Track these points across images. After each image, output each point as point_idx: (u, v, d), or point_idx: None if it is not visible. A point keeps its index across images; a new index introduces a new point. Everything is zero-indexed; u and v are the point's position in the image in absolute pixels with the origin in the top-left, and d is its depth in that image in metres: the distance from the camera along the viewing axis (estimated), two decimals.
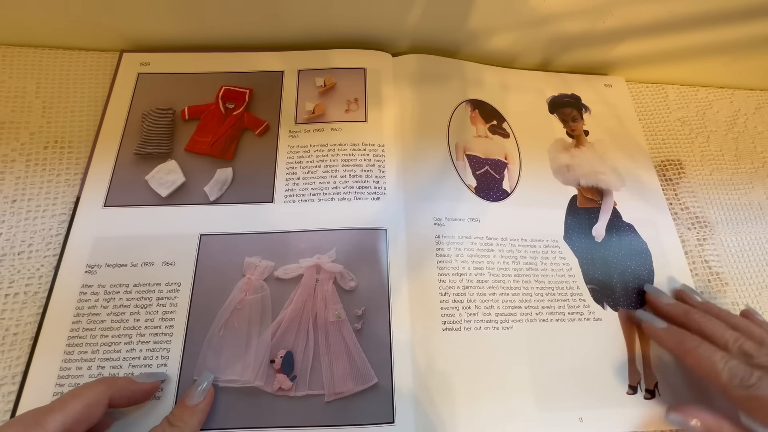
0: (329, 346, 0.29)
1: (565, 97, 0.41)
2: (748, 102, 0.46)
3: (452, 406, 0.29)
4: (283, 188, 0.34)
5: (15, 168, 0.34)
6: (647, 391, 0.31)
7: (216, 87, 0.37)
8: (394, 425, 0.28)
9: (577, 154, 0.39)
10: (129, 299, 0.30)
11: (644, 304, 0.33)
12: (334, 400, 0.28)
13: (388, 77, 0.39)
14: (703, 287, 0.36)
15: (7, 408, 0.27)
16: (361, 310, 0.30)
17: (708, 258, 0.37)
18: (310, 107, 0.37)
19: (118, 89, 0.37)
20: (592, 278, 0.34)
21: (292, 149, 0.36)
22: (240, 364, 0.29)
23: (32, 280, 0.31)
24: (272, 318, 0.30)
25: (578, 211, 0.36)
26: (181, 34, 0.39)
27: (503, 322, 0.31)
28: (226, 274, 0.31)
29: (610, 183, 0.38)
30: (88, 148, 0.35)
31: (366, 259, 0.32)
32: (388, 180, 0.35)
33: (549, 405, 0.29)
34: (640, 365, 0.31)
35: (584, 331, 0.32)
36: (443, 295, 0.31)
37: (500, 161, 0.37)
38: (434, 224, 0.33)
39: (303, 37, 0.39)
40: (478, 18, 0.37)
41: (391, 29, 0.39)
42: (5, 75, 0.37)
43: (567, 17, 0.38)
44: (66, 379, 0.28)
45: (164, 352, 0.29)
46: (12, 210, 0.33)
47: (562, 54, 0.42)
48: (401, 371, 0.29)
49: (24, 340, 0.29)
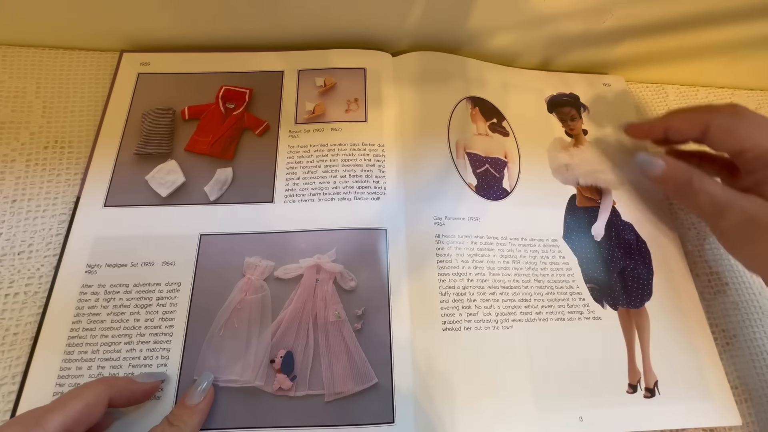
0: (329, 346, 0.29)
1: (564, 97, 0.41)
2: (748, 102, 0.46)
3: (452, 406, 0.29)
4: (283, 188, 0.34)
5: (15, 168, 0.34)
6: (647, 390, 0.31)
7: (216, 87, 0.37)
8: (394, 425, 0.28)
9: (576, 153, 0.39)
10: (129, 299, 0.30)
11: (642, 305, 0.33)
12: (334, 400, 0.28)
13: (388, 77, 0.39)
14: (703, 287, 0.36)
15: (7, 408, 0.27)
16: (361, 310, 0.30)
17: (708, 258, 0.37)
18: (310, 107, 0.37)
19: (118, 89, 0.37)
20: (592, 277, 0.34)
21: (292, 149, 0.36)
22: (240, 364, 0.29)
23: (32, 280, 0.31)
24: (272, 318, 0.30)
25: (577, 210, 0.36)
26: (181, 34, 0.39)
27: (503, 321, 0.31)
28: (226, 274, 0.31)
29: (609, 182, 0.38)
30: (88, 148, 0.35)
31: (366, 259, 0.32)
32: (388, 180, 0.35)
33: (549, 404, 0.29)
34: (639, 364, 0.31)
35: (584, 330, 0.32)
36: (443, 294, 0.31)
37: (500, 160, 0.37)
38: (434, 224, 0.33)
39: (303, 37, 0.39)
40: (478, 18, 0.37)
41: (391, 29, 0.39)
42: (5, 75, 0.37)
43: (567, 17, 0.38)
44: (66, 379, 0.28)
45: (164, 352, 0.29)
46: (12, 210, 0.33)
47: (562, 54, 0.42)
48: (401, 371, 0.29)
49: (24, 340, 0.29)
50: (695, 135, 0.32)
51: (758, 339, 0.35)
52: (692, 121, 0.32)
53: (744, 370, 0.34)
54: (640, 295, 0.34)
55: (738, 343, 0.35)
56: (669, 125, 0.33)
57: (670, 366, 0.32)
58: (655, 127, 0.34)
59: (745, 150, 0.30)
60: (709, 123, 0.31)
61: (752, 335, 0.35)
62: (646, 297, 0.34)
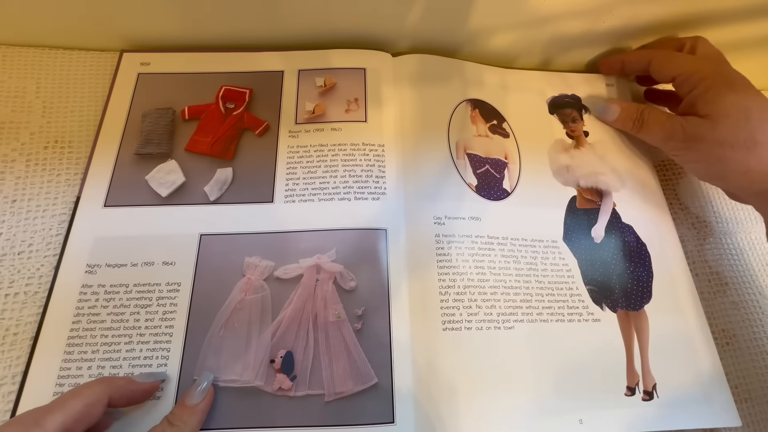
0: (329, 346, 0.29)
1: (566, 98, 0.41)
2: None
3: (452, 406, 0.29)
4: (283, 188, 0.34)
5: (15, 168, 0.34)
6: (645, 393, 0.31)
7: (216, 87, 0.37)
8: (394, 425, 0.28)
9: (576, 155, 0.39)
10: (129, 299, 0.30)
11: (641, 308, 0.33)
12: (334, 400, 0.28)
13: (388, 77, 0.39)
14: (703, 287, 0.36)
15: (7, 408, 0.27)
16: (361, 310, 0.30)
17: (708, 258, 0.37)
18: (310, 107, 0.37)
19: (118, 89, 0.37)
20: (591, 279, 0.34)
21: (292, 149, 0.36)
22: (240, 364, 0.29)
23: (32, 280, 0.31)
24: (272, 318, 0.30)
25: (577, 211, 0.36)
26: (181, 34, 0.39)
27: (505, 321, 0.31)
28: (226, 274, 0.31)
29: (610, 184, 0.38)
30: (88, 148, 0.35)
31: (366, 259, 0.32)
32: (388, 180, 0.35)
33: (549, 407, 0.29)
34: (638, 366, 0.31)
35: (583, 332, 0.32)
36: (443, 294, 0.31)
37: (500, 161, 0.37)
38: (434, 223, 0.33)
39: (303, 37, 0.39)
40: (479, 18, 0.37)
41: (391, 29, 0.39)
42: (5, 75, 0.37)
43: (567, 17, 0.38)
44: (66, 379, 0.28)
45: (164, 352, 0.29)
46: (12, 210, 0.33)
47: (562, 54, 0.42)
48: (401, 371, 0.29)
49: (24, 340, 0.29)
50: (642, 67, 0.38)
51: (758, 339, 0.35)
52: (640, 56, 0.39)
53: (744, 370, 0.34)
54: (640, 298, 0.34)
55: (738, 343, 0.35)
56: (625, 59, 0.40)
57: (670, 366, 0.32)
58: (616, 62, 0.41)
59: (675, 76, 0.35)
60: (652, 57, 0.37)
61: (752, 335, 0.35)
62: (645, 299, 0.34)
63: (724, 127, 0.32)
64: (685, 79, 0.34)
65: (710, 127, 0.32)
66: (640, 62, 0.38)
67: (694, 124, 0.33)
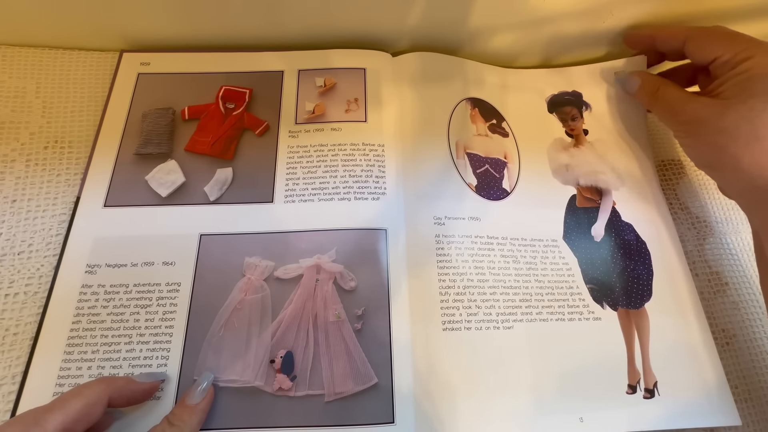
0: (329, 346, 0.29)
1: (566, 95, 0.41)
2: None
3: (452, 406, 0.29)
4: (283, 188, 0.34)
5: (15, 168, 0.34)
6: (646, 391, 0.31)
7: (216, 87, 0.37)
8: (394, 425, 0.28)
9: (576, 153, 0.39)
10: (129, 299, 0.30)
11: (642, 306, 0.33)
12: (334, 400, 0.28)
13: (388, 77, 0.39)
14: (703, 287, 0.36)
15: (7, 408, 0.27)
16: (361, 310, 0.30)
17: (708, 258, 0.37)
18: (310, 107, 0.37)
19: (118, 89, 0.37)
20: (592, 278, 0.34)
21: (292, 149, 0.36)
22: (240, 364, 0.29)
23: (32, 280, 0.31)
24: (272, 318, 0.30)
25: (577, 210, 0.36)
26: (181, 34, 0.39)
27: (504, 321, 0.31)
28: (226, 274, 0.31)
29: (609, 182, 0.38)
30: (88, 148, 0.35)
31: (366, 259, 0.32)
32: (388, 180, 0.35)
33: (549, 405, 0.29)
34: (639, 365, 0.31)
35: (583, 330, 0.32)
36: (443, 294, 0.31)
37: (500, 160, 0.37)
38: (434, 223, 0.33)
39: (303, 37, 0.39)
40: (478, 18, 0.37)
41: (391, 29, 0.39)
42: (5, 75, 0.37)
43: (567, 17, 0.38)
44: (66, 379, 0.28)
45: (164, 352, 0.29)
46: (12, 210, 0.33)
47: (562, 54, 0.42)
48: (401, 371, 0.29)
49: (24, 340, 0.29)
50: (675, 45, 0.36)
51: (758, 339, 0.35)
52: (674, 32, 0.36)
53: (744, 370, 0.34)
54: (640, 296, 0.34)
55: (738, 342, 0.35)
56: (657, 35, 0.37)
57: (670, 366, 0.32)
58: (645, 37, 0.38)
59: (716, 57, 0.33)
60: (689, 35, 0.35)
61: (752, 335, 0.35)
62: (645, 298, 0.34)
63: (732, 114, 0.30)
64: (728, 59, 0.32)
65: (719, 112, 0.30)
66: (674, 39, 0.36)
67: (703, 105, 0.31)
